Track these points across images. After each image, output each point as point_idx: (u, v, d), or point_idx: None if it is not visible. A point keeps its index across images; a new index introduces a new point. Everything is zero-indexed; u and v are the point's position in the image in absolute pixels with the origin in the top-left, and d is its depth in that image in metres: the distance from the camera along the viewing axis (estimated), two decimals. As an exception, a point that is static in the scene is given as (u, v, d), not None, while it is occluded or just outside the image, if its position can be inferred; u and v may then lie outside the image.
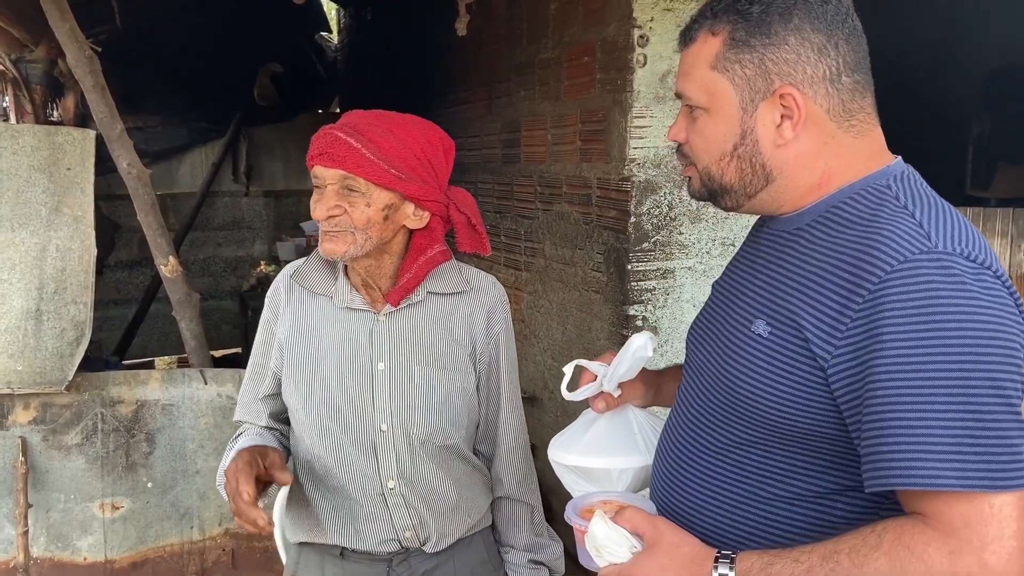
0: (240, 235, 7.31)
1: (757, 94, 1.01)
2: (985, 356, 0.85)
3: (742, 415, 1.04)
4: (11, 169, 2.59)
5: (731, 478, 1.07)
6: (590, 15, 2.77)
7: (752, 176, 1.04)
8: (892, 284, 0.89)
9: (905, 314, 0.87)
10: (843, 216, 1.00)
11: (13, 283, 2.57)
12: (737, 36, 1.01)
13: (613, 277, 2.70)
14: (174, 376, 2.73)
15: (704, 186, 1.09)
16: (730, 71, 1.02)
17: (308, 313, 1.50)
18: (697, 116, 1.06)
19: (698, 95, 1.05)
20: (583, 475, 1.28)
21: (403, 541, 1.51)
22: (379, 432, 1.46)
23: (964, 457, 0.84)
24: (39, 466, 2.62)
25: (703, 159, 1.07)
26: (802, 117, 1.00)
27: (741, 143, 1.03)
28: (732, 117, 1.03)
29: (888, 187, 1.00)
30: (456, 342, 1.51)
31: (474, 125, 4.05)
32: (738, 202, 1.08)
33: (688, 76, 1.06)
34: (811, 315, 0.96)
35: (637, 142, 2.55)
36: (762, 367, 1.00)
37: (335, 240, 1.39)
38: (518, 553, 1.64)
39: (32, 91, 4.30)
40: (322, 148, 1.36)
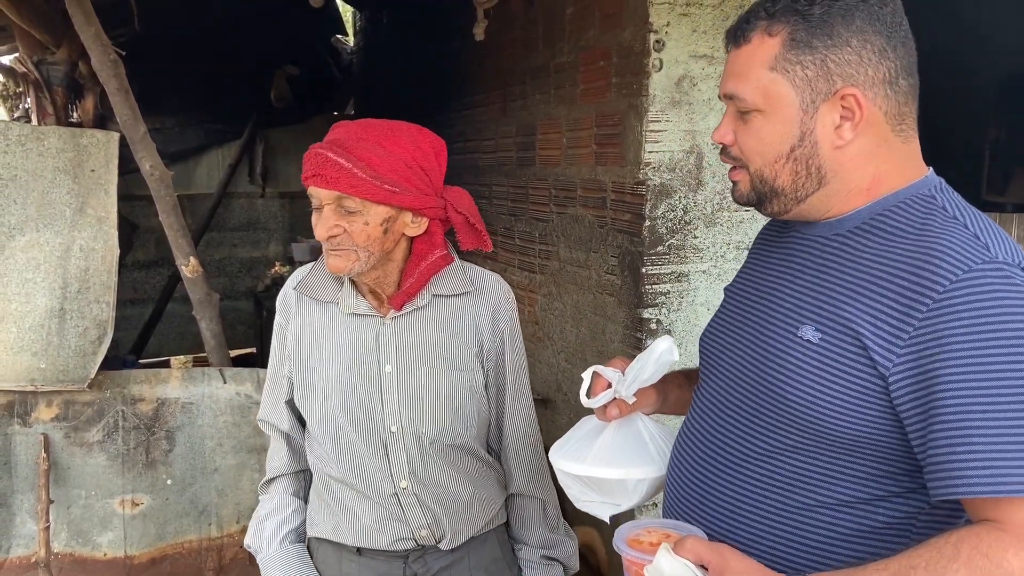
0: (255, 236, 7.36)
1: (818, 95, 1.00)
2: None
3: (790, 421, 1.03)
4: (36, 170, 2.64)
5: (771, 484, 1.06)
6: (606, 19, 2.79)
7: (806, 179, 1.04)
8: (958, 293, 0.90)
9: (974, 323, 0.89)
10: (892, 224, 1.01)
11: (38, 282, 2.61)
12: (798, 37, 1.00)
13: (627, 280, 2.72)
14: (194, 375, 2.77)
15: (754, 189, 1.08)
16: (790, 72, 1.01)
17: (316, 320, 1.53)
18: (751, 118, 1.04)
19: (754, 96, 1.03)
20: (594, 485, 1.24)
21: (419, 539, 1.53)
22: (389, 433, 1.48)
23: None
24: (61, 463, 2.66)
25: (756, 161, 1.05)
26: (863, 118, 1.00)
27: (799, 145, 1.02)
28: (791, 119, 1.02)
29: (933, 197, 1.01)
30: (463, 342, 1.52)
31: (489, 128, 4.07)
32: (786, 206, 1.07)
33: (742, 77, 1.04)
34: (869, 322, 0.96)
35: (652, 146, 2.56)
36: (815, 373, 1.00)
37: (339, 258, 1.40)
38: (531, 550, 1.65)
39: (53, 93, 4.36)
40: (314, 169, 1.36)
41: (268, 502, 1.64)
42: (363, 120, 1.44)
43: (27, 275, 2.61)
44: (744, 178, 1.09)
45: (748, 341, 1.13)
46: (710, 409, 1.16)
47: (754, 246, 1.29)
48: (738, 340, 1.16)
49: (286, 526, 1.60)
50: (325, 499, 1.58)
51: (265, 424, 1.66)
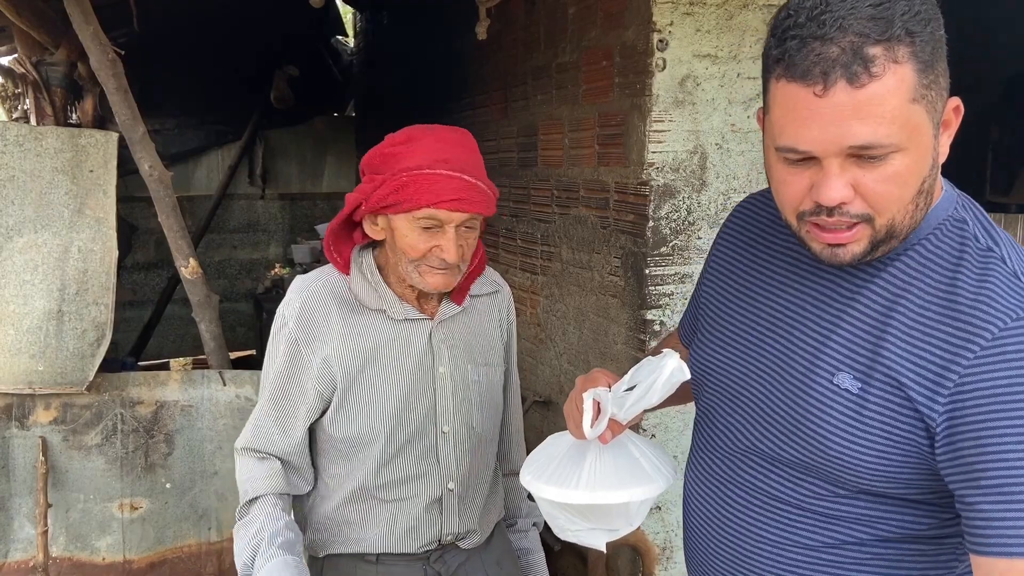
0: (255, 238, 7.35)
1: (938, 115, 0.89)
2: None
3: (831, 473, 0.97)
4: (34, 171, 2.62)
5: (820, 526, 1.01)
6: (609, 19, 2.77)
7: (923, 212, 0.93)
8: (1008, 343, 0.85)
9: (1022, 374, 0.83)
10: (926, 255, 0.94)
11: (35, 284, 2.59)
12: (922, 57, 0.85)
13: (631, 281, 2.70)
14: (193, 377, 2.75)
15: (872, 243, 0.92)
16: (926, 99, 0.86)
17: (358, 331, 1.47)
18: (887, 163, 0.86)
19: (899, 136, 0.85)
20: (588, 512, 1.13)
21: (444, 541, 1.55)
22: (441, 434, 1.51)
23: None
24: (59, 466, 2.64)
25: (892, 208, 0.89)
26: (954, 128, 0.92)
27: (930, 175, 0.90)
28: (928, 148, 0.89)
29: (964, 221, 0.95)
30: (492, 339, 1.62)
31: (491, 129, 4.06)
32: (891, 250, 0.94)
33: (883, 119, 0.84)
34: (912, 371, 0.90)
35: (656, 146, 2.55)
36: (857, 426, 0.93)
37: (447, 275, 1.43)
38: (524, 520, 1.79)
39: (52, 93, 4.33)
40: (456, 195, 1.36)
41: (252, 522, 1.45)
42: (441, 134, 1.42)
43: (25, 277, 2.59)
44: (864, 234, 0.91)
45: (773, 380, 1.05)
46: (733, 446, 1.10)
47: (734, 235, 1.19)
48: (758, 375, 1.07)
49: (280, 537, 1.42)
50: (344, 515, 1.53)
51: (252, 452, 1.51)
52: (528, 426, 1.83)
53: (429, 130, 1.42)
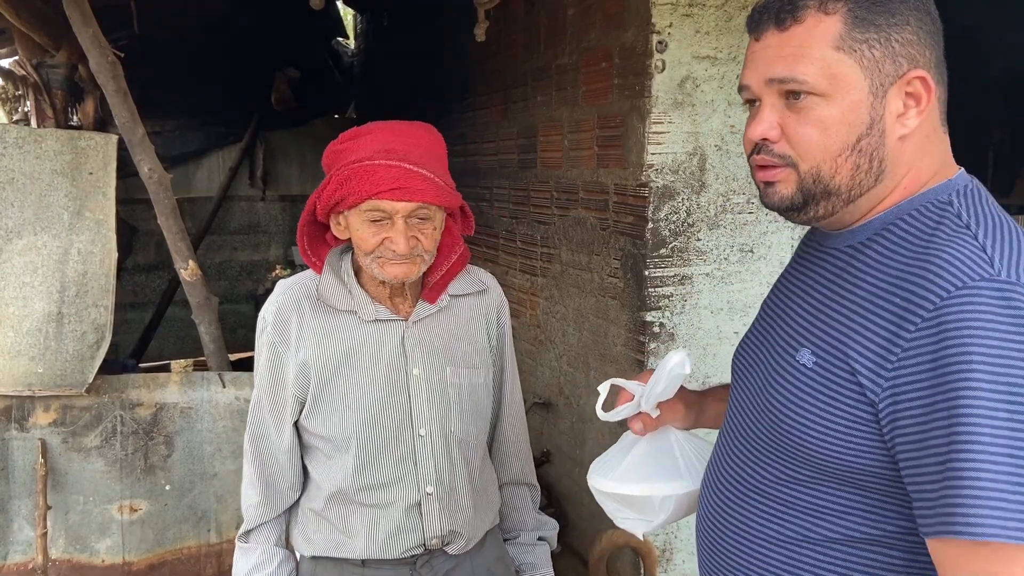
0: (256, 239, 7.36)
1: (886, 78, 0.91)
2: None
3: (789, 451, 0.97)
4: (34, 173, 2.62)
5: (781, 517, 1.00)
6: (608, 20, 2.77)
7: (866, 174, 0.93)
8: (947, 312, 0.81)
9: (963, 346, 0.79)
10: (900, 233, 0.93)
11: (35, 286, 2.59)
12: (859, 14, 0.90)
13: (630, 283, 2.70)
14: (193, 379, 2.75)
15: (801, 189, 0.95)
16: (858, 52, 0.90)
17: (330, 332, 1.48)
18: (807, 105, 0.92)
19: (817, 78, 0.90)
20: (624, 503, 1.21)
21: (429, 545, 1.53)
22: (418, 437, 1.49)
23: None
24: (59, 468, 2.64)
25: (815, 156, 0.93)
26: (928, 104, 0.92)
27: (867, 134, 0.91)
28: (859, 104, 0.91)
29: (950, 203, 0.92)
30: (477, 341, 1.56)
31: (490, 130, 4.06)
32: (834, 209, 0.96)
33: (800, 57, 0.91)
34: (859, 344, 0.89)
35: (655, 148, 2.54)
36: (807, 400, 0.94)
37: (409, 265, 1.41)
38: (528, 533, 1.71)
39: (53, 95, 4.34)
40: (395, 183, 1.35)
41: (250, 554, 1.55)
42: (391, 126, 1.43)
43: (24, 279, 2.59)
44: (790, 178, 0.95)
45: (759, 363, 1.07)
46: (731, 434, 1.11)
47: (792, 256, 1.21)
48: (754, 362, 1.10)
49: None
50: (328, 517, 1.54)
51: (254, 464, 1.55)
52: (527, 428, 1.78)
53: (382, 124, 1.43)
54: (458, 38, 4.31)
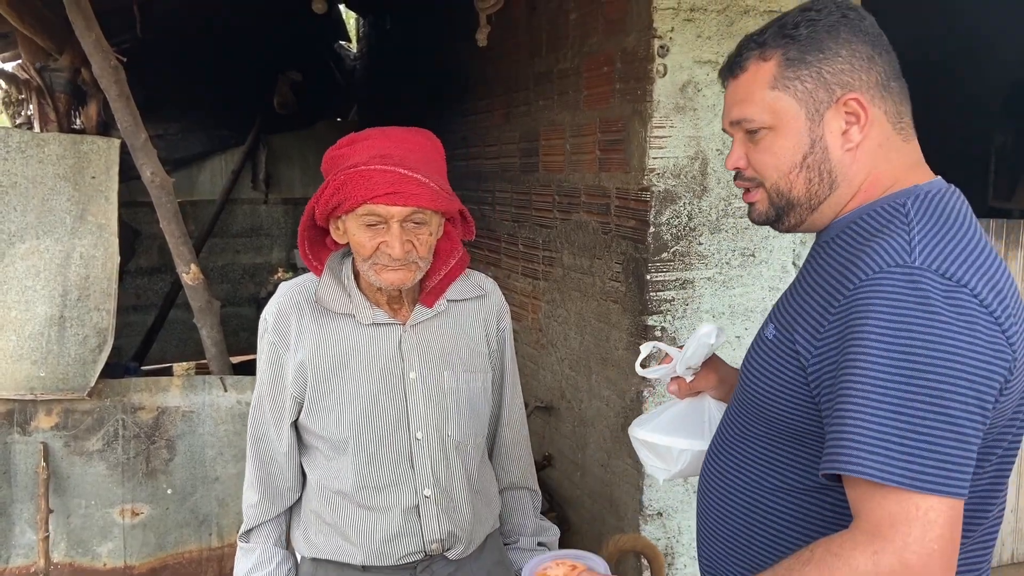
0: (258, 242, 7.37)
1: (821, 104, 1.07)
2: (931, 370, 0.89)
3: (751, 410, 1.14)
4: (37, 177, 2.62)
5: (742, 467, 1.16)
6: (610, 25, 2.77)
7: (819, 184, 1.09)
8: (861, 293, 0.95)
9: (865, 322, 0.93)
10: (855, 231, 1.06)
11: (37, 290, 2.60)
12: (791, 56, 1.07)
13: (632, 287, 2.70)
14: (195, 383, 2.75)
15: (772, 204, 1.13)
16: (790, 87, 1.08)
17: (326, 335, 1.49)
18: (761, 137, 1.11)
19: (762, 115, 1.09)
20: (651, 450, 1.38)
21: (429, 551, 1.53)
22: (415, 440, 1.49)
23: (891, 453, 0.89)
24: (60, 472, 2.64)
25: (772, 175, 1.11)
26: (867, 119, 1.06)
27: (811, 152, 1.08)
28: (800, 129, 1.08)
29: (903, 204, 1.04)
30: (476, 345, 1.57)
31: (492, 134, 4.06)
32: (802, 217, 1.12)
33: (746, 101, 1.11)
34: (802, 319, 1.05)
35: (657, 152, 2.55)
36: (763, 366, 1.11)
37: (405, 271, 1.41)
38: (527, 539, 1.71)
39: (56, 99, 4.35)
40: (389, 188, 1.35)
41: (249, 555, 1.57)
42: (388, 132, 1.44)
43: (27, 283, 2.59)
44: (761, 196, 1.14)
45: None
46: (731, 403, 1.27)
47: None
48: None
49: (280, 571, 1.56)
50: (328, 519, 1.54)
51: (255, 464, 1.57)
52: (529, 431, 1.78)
53: (380, 130, 1.44)
54: (460, 42, 4.32)
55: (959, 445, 0.89)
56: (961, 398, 0.89)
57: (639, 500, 2.71)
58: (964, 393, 0.89)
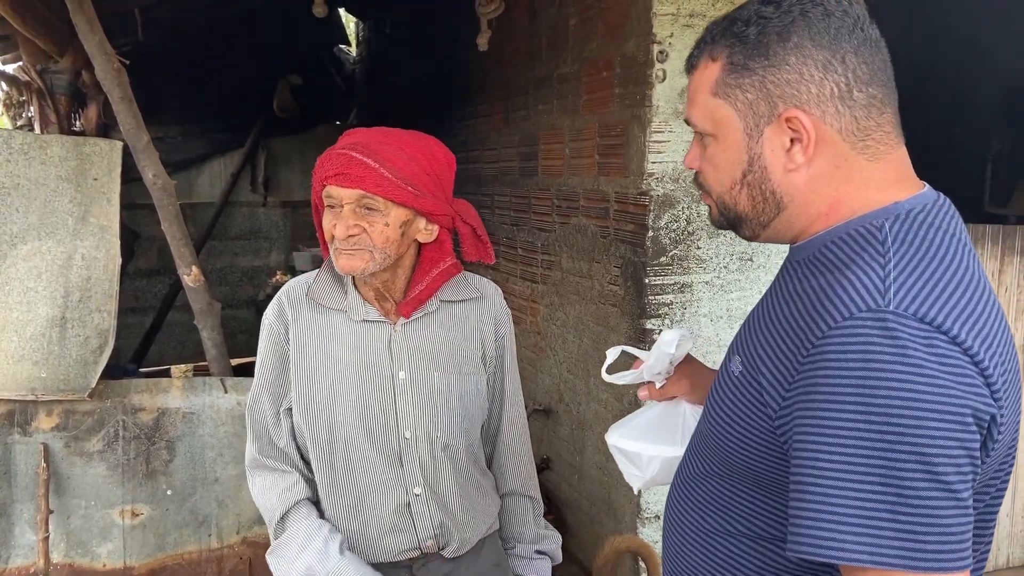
0: (257, 245, 7.37)
1: (761, 119, 0.95)
2: (914, 429, 0.77)
3: (713, 449, 1.03)
4: (39, 179, 2.63)
5: (703, 510, 1.06)
6: (610, 30, 2.79)
7: (764, 204, 0.98)
8: (830, 342, 0.83)
9: (835, 376, 0.82)
10: (827, 258, 0.93)
11: (39, 291, 2.61)
12: (735, 60, 0.95)
13: (630, 291, 2.71)
14: (195, 384, 2.76)
15: (722, 215, 1.04)
16: (731, 96, 0.96)
17: (320, 330, 1.50)
18: (707, 144, 1.01)
19: (703, 122, 1.00)
20: (624, 456, 1.35)
21: (424, 548, 1.54)
22: (403, 439, 1.49)
23: (880, 533, 0.78)
24: (61, 472, 2.65)
25: (716, 188, 1.02)
26: (812, 139, 0.93)
27: (749, 170, 0.97)
28: (738, 144, 0.97)
29: (880, 228, 0.91)
30: (469, 347, 1.56)
31: (492, 138, 4.08)
32: (755, 232, 1.02)
33: (693, 103, 1.01)
34: (769, 361, 0.94)
35: (656, 156, 2.56)
36: (727, 405, 1.00)
37: (353, 257, 1.41)
38: (525, 546, 1.70)
39: (57, 101, 4.35)
40: (338, 168, 1.38)
41: (294, 535, 1.48)
42: (379, 127, 1.47)
43: (28, 284, 2.60)
44: (712, 203, 1.06)
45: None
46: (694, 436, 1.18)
47: None
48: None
49: (333, 542, 1.46)
50: (328, 516, 1.55)
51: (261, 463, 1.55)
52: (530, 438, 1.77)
53: (378, 127, 1.47)
54: (460, 47, 4.33)
55: (958, 512, 0.78)
56: (953, 460, 0.78)
57: (636, 502, 2.72)
58: (955, 454, 0.78)
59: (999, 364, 0.84)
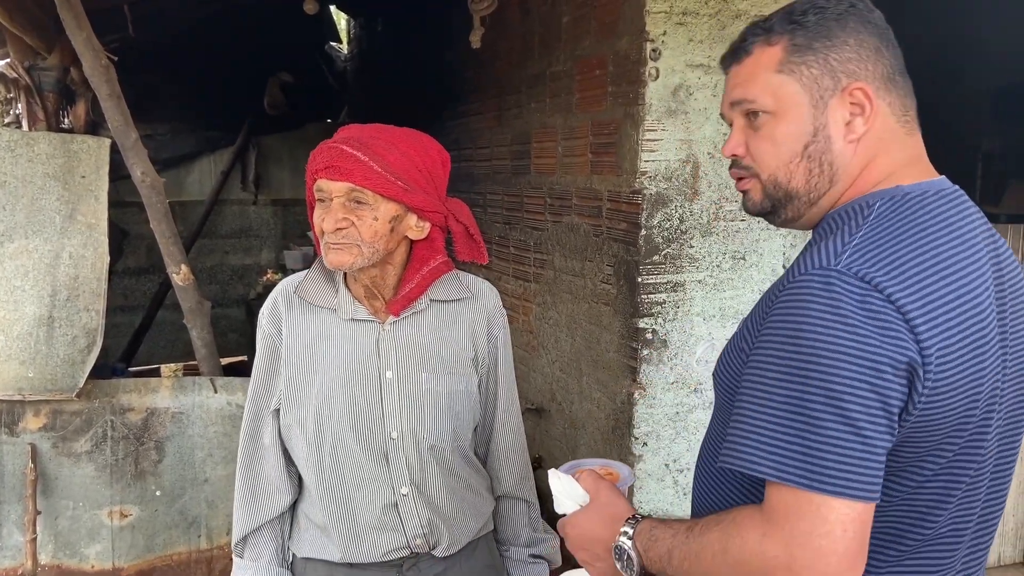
0: (247, 243, 7.34)
1: (826, 91, 1.05)
2: (829, 369, 0.89)
3: (719, 401, 1.15)
4: (26, 176, 2.61)
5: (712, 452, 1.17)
6: (603, 28, 2.78)
7: (819, 177, 1.07)
8: (785, 295, 0.96)
9: (780, 319, 0.95)
10: (822, 230, 1.07)
11: (26, 290, 2.58)
12: (798, 42, 1.05)
13: (623, 289, 2.71)
14: (184, 384, 2.74)
15: (767, 196, 1.10)
16: (797, 72, 1.05)
17: (310, 327, 1.50)
18: (761, 123, 1.08)
19: (764, 98, 1.07)
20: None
21: (414, 548, 1.52)
22: (390, 440, 1.48)
23: (785, 453, 0.90)
24: (48, 473, 2.62)
25: (770, 164, 1.08)
26: (873, 110, 1.04)
27: (813, 141, 1.06)
28: (802, 116, 1.05)
29: (871, 205, 1.02)
30: (459, 347, 1.54)
31: (484, 136, 4.06)
32: (800, 211, 1.10)
33: (749, 83, 1.08)
34: (751, 318, 1.08)
35: (649, 155, 2.56)
36: (723, 363, 1.13)
37: (341, 252, 1.40)
38: (519, 550, 1.68)
39: (45, 98, 4.31)
40: (328, 162, 1.37)
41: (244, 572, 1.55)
42: (374, 124, 1.46)
43: (15, 283, 2.58)
44: (755, 186, 1.11)
45: None
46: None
47: None
48: None
49: None
50: (310, 515, 1.54)
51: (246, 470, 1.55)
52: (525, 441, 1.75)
53: (371, 124, 1.46)
54: (452, 44, 4.32)
55: (862, 448, 0.88)
56: (861, 398, 0.88)
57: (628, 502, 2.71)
58: (863, 393, 0.88)
59: (945, 331, 0.92)
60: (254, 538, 1.56)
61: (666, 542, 1.02)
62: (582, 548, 1.15)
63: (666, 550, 1.01)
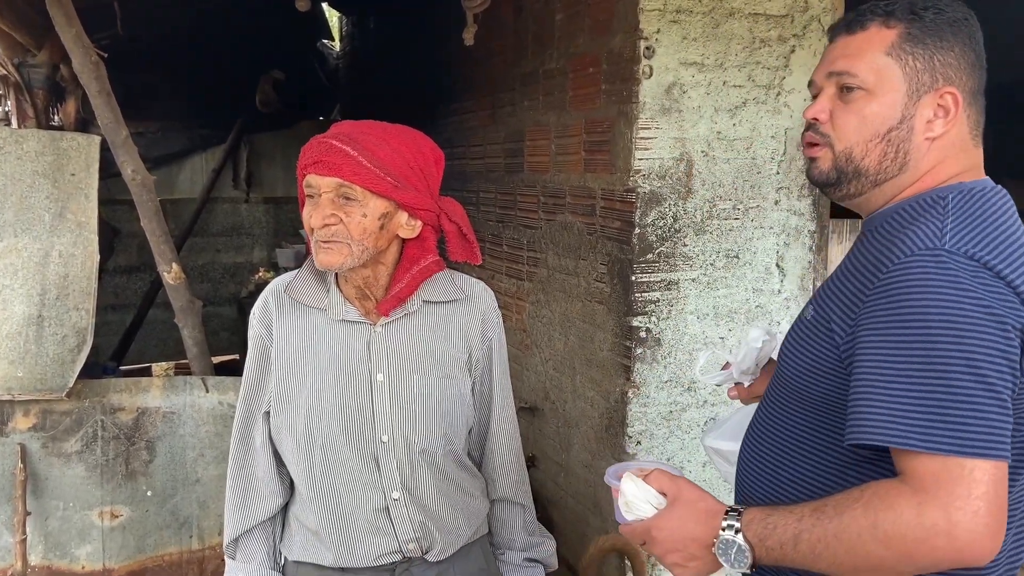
0: (239, 241, 7.31)
1: (923, 87, 1.11)
2: (965, 337, 0.94)
3: (787, 386, 1.18)
4: (15, 174, 2.58)
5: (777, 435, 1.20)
6: (596, 26, 2.77)
7: (891, 162, 1.12)
8: (893, 275, 1.00)
9: (899, 297, 0.99)
10: (898, 219, 1.11)
11: (15, 289, 2.56)
12: (913, 32, 1.11)
13: (617, 288, 2.70)
14: (175, 384, 2.72)
15: (836, 167, 1.15)
16: (903, 60, 1.11)
17: (301, 328, 1.48)
18: (855, 97, 1.12)
19: (866, 74, 1.11)
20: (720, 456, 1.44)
21: (406, 552, 1.51)
22: (380, 443, 1.46)
23: (931, 422, 0.93)
24: (38, 473, 2.60)
25: (850, 138, 1.13)
26: (956, 116, 1.11)
27: (897, 127, 1.11)
28: (895, 102, 1.11)
29: (945, 197, 1.08)
30: (452, 349, 1.51)
31: (477, 134, 4.05)
32: (862, 189, 1.15)
33: (856, 57, 1.13)
34: (838, 303, 1.10)
35: (642, 153, 2.55)
36: (800, 345, 1.15)
37: (331, 251, 1.38)
38: (514, 553, 1.67)
39: (34, 95, 4.29)
40: (317, 156, 1.36)
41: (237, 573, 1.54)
42: (366, 120, 1.45)
43: (4, 281, 2.55)
44: (827, 155, 1.16)
45: None
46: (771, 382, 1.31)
47: None
48: None
49: None
50: (301, 519, 1.53)
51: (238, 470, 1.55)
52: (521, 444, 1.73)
53: (364, 120, 1.45)
54: (445, 41, 4.30)
55: (1000, 409, 0.93)
56: (995, 362, 0.94)
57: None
58: (996, 358, 0.94)
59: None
60: (246, 540, 1.54)
61: (790, 528, 1.01)
62: (674, 550, 1.11)
63: (791, 536, 1.01)
